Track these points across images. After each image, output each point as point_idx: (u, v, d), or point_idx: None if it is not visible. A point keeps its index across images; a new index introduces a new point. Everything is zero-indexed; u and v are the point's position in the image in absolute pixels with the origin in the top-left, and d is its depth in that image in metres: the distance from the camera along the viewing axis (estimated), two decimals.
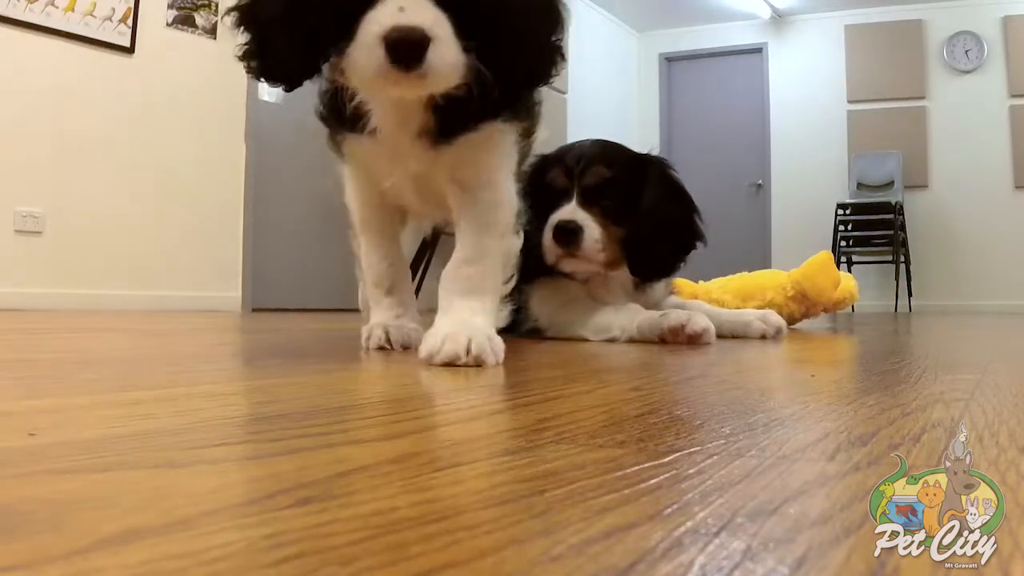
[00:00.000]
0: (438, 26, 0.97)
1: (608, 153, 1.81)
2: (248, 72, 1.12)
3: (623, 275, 1.81)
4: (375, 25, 0.97)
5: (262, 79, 1.12)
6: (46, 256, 3.98)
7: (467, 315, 1.13)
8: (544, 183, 1.74)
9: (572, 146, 1.83)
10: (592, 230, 1.71)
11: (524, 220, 1.34)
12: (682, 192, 1.84)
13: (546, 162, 1.78)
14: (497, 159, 1.25)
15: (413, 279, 1.68)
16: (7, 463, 0.44)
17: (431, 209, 1.39)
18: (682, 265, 1.85)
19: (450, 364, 1.02)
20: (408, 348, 1.29)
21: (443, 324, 1.11)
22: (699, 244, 1.82)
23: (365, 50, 0.97)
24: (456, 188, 1.25)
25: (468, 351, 1.02)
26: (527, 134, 1.36)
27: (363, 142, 1.23)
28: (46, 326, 2.27)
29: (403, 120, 1.18)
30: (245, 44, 1.10)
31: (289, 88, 1.12)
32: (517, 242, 1.32)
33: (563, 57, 1.15)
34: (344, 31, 1.00)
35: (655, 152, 1.88)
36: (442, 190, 1.27)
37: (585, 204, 1.74)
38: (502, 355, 1.07)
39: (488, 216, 1.24)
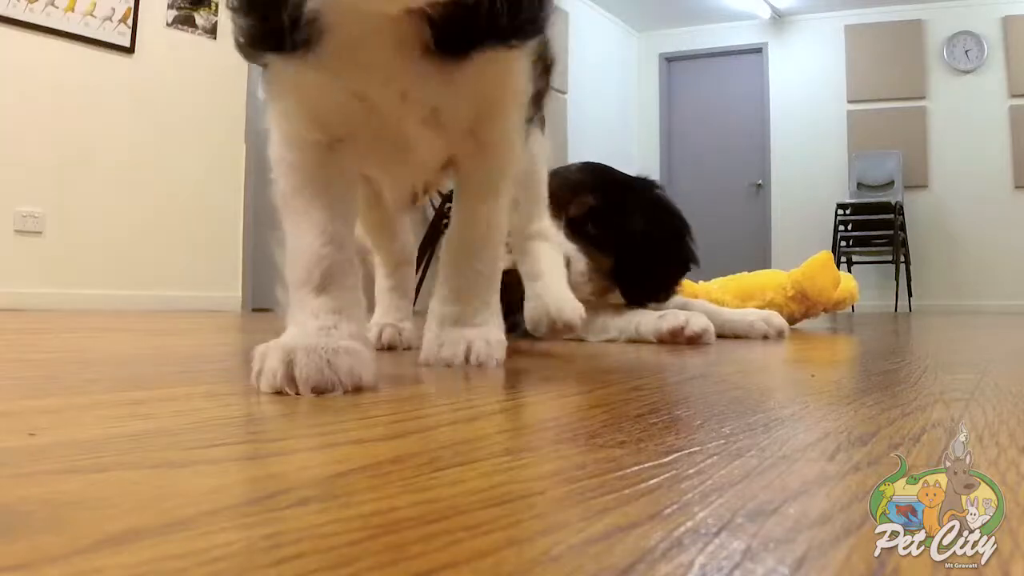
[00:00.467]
0: None
1: (594, 180, 1.79)
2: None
3: (615, 299, 1.80)
4: None
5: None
6: (46, 256, 3.98)
7: (469, 314, 1.05)
8: None
9: (557, 172, 1.78)
10: (578, 263, 1.70)
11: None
12: (672, 214, 1.84)
13: None
14: (509, 95, 0.99)
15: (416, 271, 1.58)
16: (7, 463, 0.44)
17: (405, 167, 1.06)
18: (677, 288, 1.84)
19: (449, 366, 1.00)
20: (325, 390, 0.73)
21: (440, 326, 1.04)
22: (691, 266, 1.83)
23: None
24: (447, 133, 0.97)
25: (467, 358, 0.98)
26: (543, 65, 1.11)
27: (313, 66, 0.86)
28: (46, 326, 2.27)
29: (386, 31, 0.86)
30: None
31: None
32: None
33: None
34: None
35: (646, 174, 1.87)
36: (423, 135, 0.96)
37: (572, 235, 1.73)
38: (503, 355, 1.02)
39: (494, 181, 1.04)
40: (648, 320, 1.64)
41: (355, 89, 0.90)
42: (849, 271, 6.41)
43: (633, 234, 1.75)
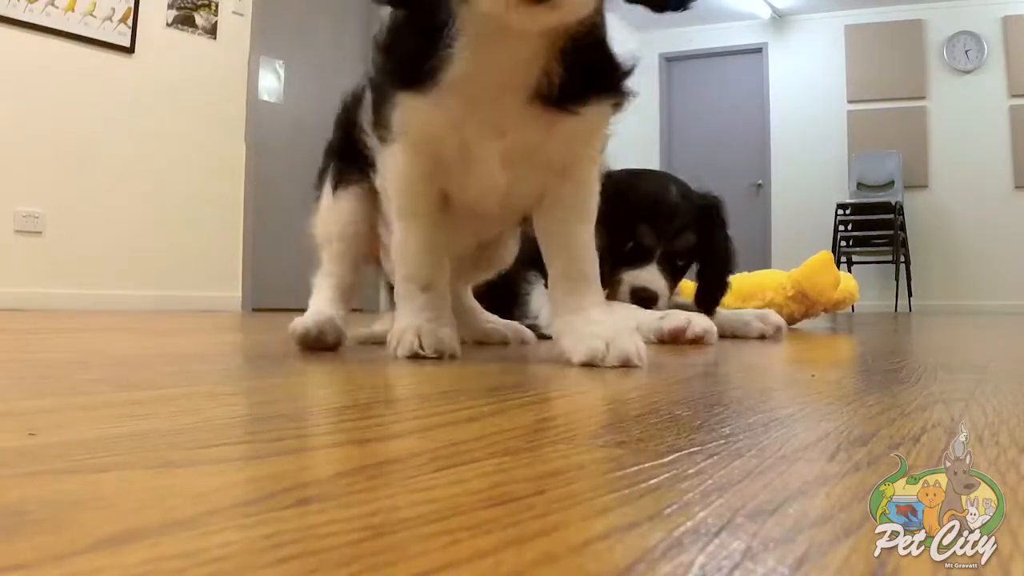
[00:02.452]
0: None
1: (690, 211, 1.86)
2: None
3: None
4: None
5: None
6: (46, 256, 3.98)
7: (604, 315, 1.12)
8: (624, 230, 1.75)
9: (657, 194, 1.83)
10: (664, 297, 1.80)
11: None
12: (726, 229, 1.95)
13: (628, 203, 1.78)
14: (600, 141, 1.16)
15: None
16: (7, 463, 0.44)
17: (497, 204, 1.18)
18: (728, 289, 1.97)
19: (623, 365, 1.02)
20: (442, 356, 1.11)
21: (587, 325, 1.07)
22: (735, 266, 1.97)
23: None
24: (548, 171, 1.13)
25: (637, 354, 1.03)
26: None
27: (436, 103, 1.04)
28: (46, 326, 2.27)
29: (515, 72, 1.03)
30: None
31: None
32: None
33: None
34: None
35: (711, 192, 1.95)
36: (531, 175, 1.13)
37: (664, 267, 1.79)
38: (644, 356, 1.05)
39: (585, 208, 1.15)
40: (649, 320, 1.64)
41: (469, 127, 1.07)
42: (849, 271, 6.41)
43: (714, 253, 1.88)
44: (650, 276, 1.79)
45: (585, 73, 1.05)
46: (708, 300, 1.89)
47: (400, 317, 1.15)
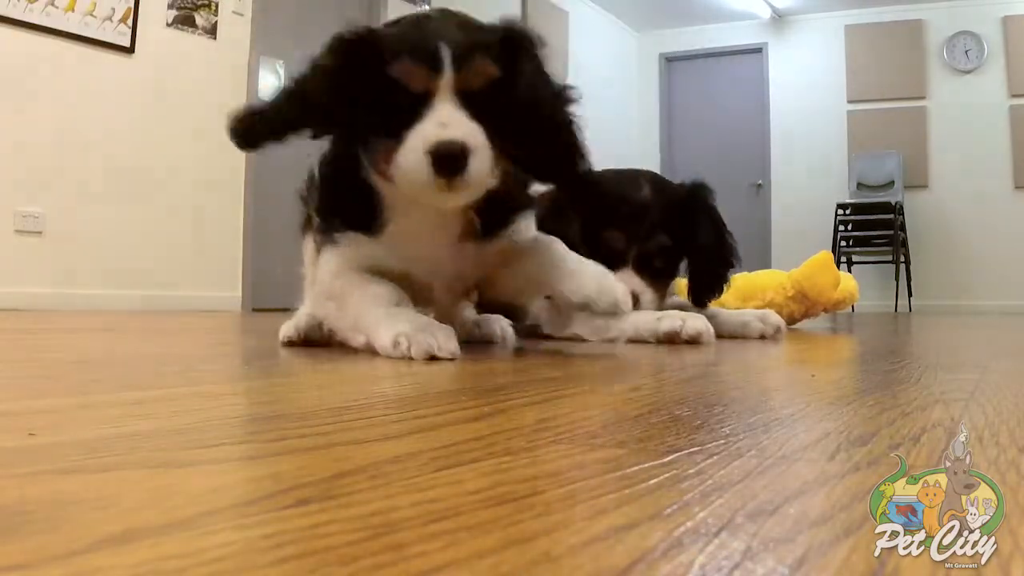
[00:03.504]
0: (474, 137, 1.08)
1: (663, 207, 1.81)
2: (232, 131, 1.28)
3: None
4: (420, 139, 1.08)
5: (236, 136, 1.29)
6: (46, 256, 3.98)
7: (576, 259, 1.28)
8: (594, 236, 1.74)
9: (625, 195, 1.80)
10: (647, 300, 1.77)
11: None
12: (719, 220, 1.89)
13: (596, 208, 1.77)
14: (528, 230, 1.35)
15: None
16: (7, 463, 0.44)
17: (449, 296, 1.39)
18: (727, 285, 1.93)
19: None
20: (454, 357, 1.10)
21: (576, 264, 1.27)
22: (736, 262, 1.91)
23: (412, 160, 1.08)
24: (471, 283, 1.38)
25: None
26: None
27: (379, 242, 1.25)
28: (46, 326, 2.27)
29: (442, 225, 1.25)
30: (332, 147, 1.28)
31: (247, 145, 1.35)
32: None
33: (587, 154, 1.27)
34: (386, 138, 1.12)
35: (695, 178, 1.91)
36: (452, 289, 1.36)
37: (639, 268, 1.77)
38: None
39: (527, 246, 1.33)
40: (647, 321, 1.64)
41: (406, 262, 1.25)
42: (849, 271, 6.41)
43: (700, 247, 1.83)
44: (624, 279, 1.75)
45: (500, 212, 1.26)
46: (699, 295, 1.87)
47: (385, 328, 1.14)
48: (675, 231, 1.81)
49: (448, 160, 1.07)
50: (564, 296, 1.24)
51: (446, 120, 1.08)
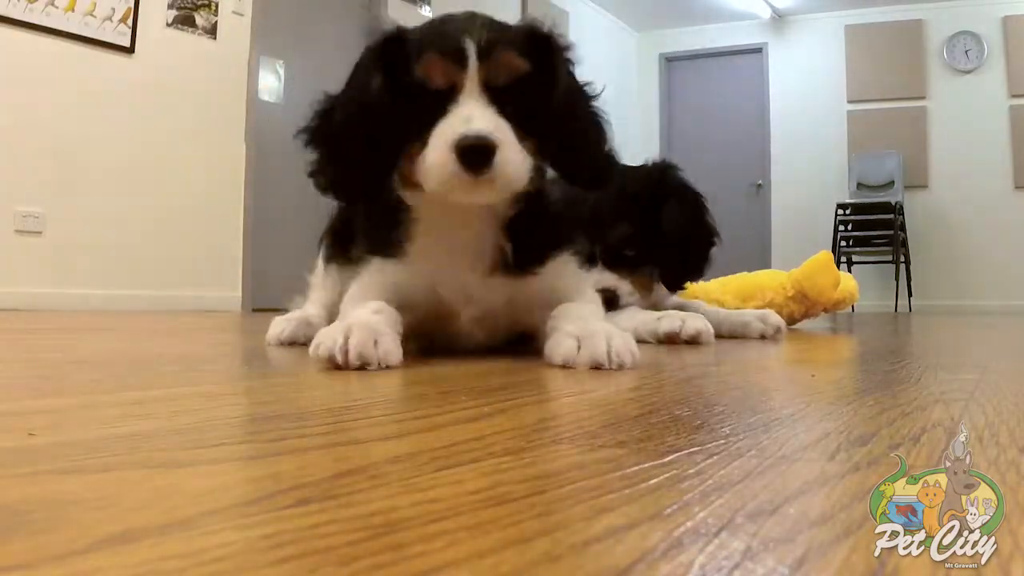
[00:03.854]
0: (501, 132, 1.05)
1: (623, 197, 1.78)
2: (317, 187, 1.17)
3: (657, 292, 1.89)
4: (445, 135, 1.04)
5: (329, 193, 1.18)
6: (46, 256, 3.98)
7: (591, 318, 1.13)
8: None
9: (577, 199, 1.77)
10: (625, 292, 1.77)
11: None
12: (692, 194, 1.86)
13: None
14: (574, 281, 1.24)
15: None
16: (7, 463, 0.44)
17: (478, 331, 1.25)
18: (706, 266, 1.89)
19: (595, 368, 0.99)
20: (367, 366, 0.96)
21: (569, 327, 1.07)
22: (716, 241, 1.87)
23: (437, 156, 1.04)
24: (507, 324, 1.25)
25: (609, 356, 1.00)
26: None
27: (406, 266, 1.18)
28: (46, 326, 2.27)
29: (470, 248, 1.18)
30: (314, 160, 1.17)
31: (354, 203, 1.22)
32: None
33: (617, 165, 1.24)
34: (414, 141, 1.08)
35: (657, 157, 1.89)
36: (510, 327, 1.26)
37: (611, 262, 1.77)
38: (638, 356, 1.04)
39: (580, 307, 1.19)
40: (646, 321, 1.64)
41: (431, 288, 1.18)
42: (849, 271, 6.41)
43: (669, 232, 1.79)
44: (600, 277, 1.74)
45: (533, 240, 1.19)
46: (670, 279, 1.85)
47: (339, 320, 1.12)
48: (640, 216, 1.77)
49: (474, 154, 1.03)
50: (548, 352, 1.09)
51: (471, 114, 1.05)
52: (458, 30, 1.10)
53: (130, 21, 4.29)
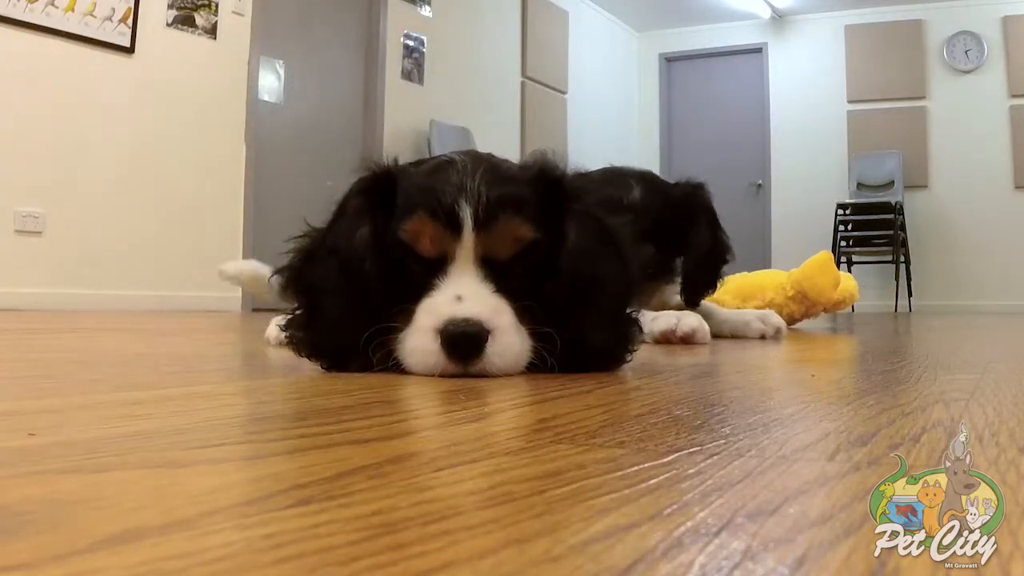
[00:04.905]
0: (497, 316, 0.92)
1: (657, 211, 1.83)
2: (291, 343, 1.03)
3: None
4: (431, 315, 0.92)
5: (304, 354, 1.01)
6: (46, 256, 3.98)
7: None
8: None
9: (611, 198, 1.78)
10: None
11: None
12: (716, 220, 1.92)
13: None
14: None
15: None
16: (7, 463, 0.44)
17: None
18: (720, 282, 1.95)
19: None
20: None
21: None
22: (730, 257, 1.94)
23: (420, 340, 0.92)
24: None
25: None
26: None
27: None
28: (46, 326, 2.27)
29: None
30: (295, 312, 1.04)
31: (331, 368, 0.99)
32: None
33: (640, 331, 1.07)
34: (397, 312, 0.96)
35: (690, 178, 1.93)
36: None
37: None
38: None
39: None
40: (643, 322, 1.64)
41: None
42: (849, 271, 6.41)
43: (695, 253, 1.85)
44: None
45: None
46: (691, 295, 1.88)
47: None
48: (669, 232, 1.81)
49: (463, 343, 0.90)
50: None
51: (462, 292, 0.92)
52: (454, 186, 0.95)
53: (130, 21, 4.29)
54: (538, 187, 1.01)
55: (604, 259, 1.03)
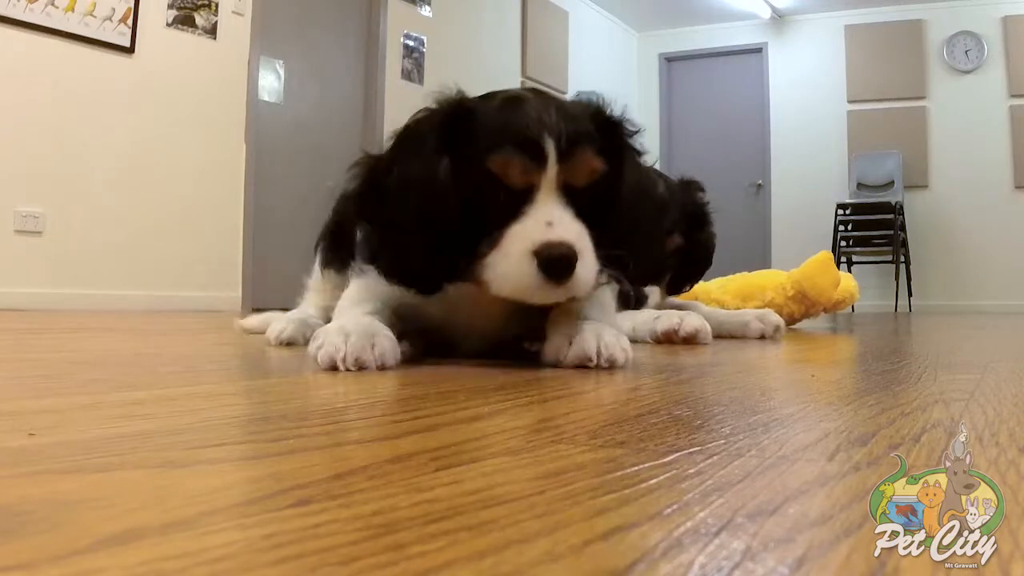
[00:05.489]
0: (582, 239, 1.00)
1: (676, 209, 1.90)
2: (387, 277, 1.09)
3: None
4: (524, 240, 0.98)
5: (391, 280, 1.08)
6: (46, 256, 3.98)
7: (585, 318, 1.09)
8: None
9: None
10: (655, 296, 1.88)
11: None
12: (708, 215, 1.98)
13: None
14: (594, 298, 1.18)
15: None
16: (7, 463, 0.44)
17: (482, 342, 1.22)
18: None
19: (580, 366, 1.01)
20: (363, 368, 0.97)
21: (563, 327, 1.07)
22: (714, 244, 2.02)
23: (515, 264, 0.98)
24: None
25: (599, 352, 1.00)
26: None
27: (426, 302, 1.12)
28: (46, 326, 2.27)
29: (496, 314, 1.13)
30: (368, 236, 1.12)
31: (425, 293, 1.09)
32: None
33: (666, 252, 1.21)
34: (479, 239, 1.01)
35: (684, 176, 2.00)
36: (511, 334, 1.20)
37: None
38: (631, 354, 1.03)
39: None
40: (644, 321, 1.64)
41: (447, 315, 1.15)
42: (849, 271, 6.41)
43: (686, 245, 1.90)
44: None
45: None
46: (678, 285, 1.97)
47: (334, 321, 1.11)
48: (687, 240, 1.90)
49: (558, 264, 0.97)
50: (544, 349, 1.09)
51: (552, 218, 0.98)
52: (535, 122, 1.01)
53: (130, 21, 4.29)
54: (598, 123, 1.08)
55: (654, 194, 1.15)
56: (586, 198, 1.02)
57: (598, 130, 1.07)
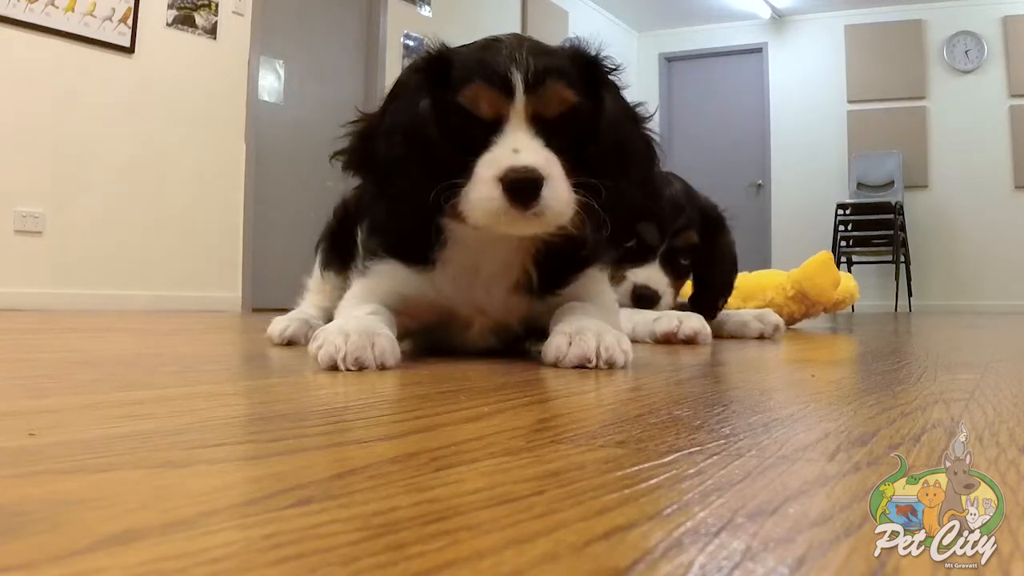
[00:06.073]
0: (550, 165, 1.02)
1: (692, 210, 1.86)
2: (386, 247, 1.17)
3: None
4: (492, 167, 1.02)
5: (396, 250, 1.16)
6: (46, 256, 3.98)
7: (586, 318, 1.10)
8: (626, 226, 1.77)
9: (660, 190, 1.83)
10: (668, 296, 1.81)
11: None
12: (730, 237, 1.96)
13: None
14: (596, 292, 1.23)
15: None
16: (7, 463, 0.44)
17: (487, 336, 1.24)
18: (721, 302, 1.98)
19: (580, 367, 1.01)
20: (363, 368, 0.96)
21: (563, 327, 1.08)
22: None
23: (483, 190, 1.02)
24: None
25: (598, 353, 1.01)
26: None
27: (428, 278, 1.16)
28: (46, 326, 2.27)
29: (498, 270, 1.17)
30: (360, 189, 1.17)
31: (421, 258, 1.15)
32: None
33: (661, 193, 1.18)
34: (459, 172, 1.05)
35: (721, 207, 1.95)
36: (519, 329, 1.23)
37: (665, 263, 1.79)
38: (631, 355, 1.04)
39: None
40: (644, 322, 1.64)
41: (449, 298, 1.18)
42: (849, 271, 6.41)
43: (715, 265, 1.88)
44: (651, 274, 1.78)
45: (560, 265, 1.18)
46: (707, 305, 1.89)
47: (334, 320, 1.11)
48: (703, 244, 1.85)
49: (522, 188, 1.00)
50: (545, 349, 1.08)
51: (518, 146, 1.02)
52: (505, 58, 1.05)
53: (130, 21, 4.29)
54: (576, 61, 1.12)
55: (635, 129, 1.17)
56: (560, 129, 1.05)
57: (576, 66, 1.10)
